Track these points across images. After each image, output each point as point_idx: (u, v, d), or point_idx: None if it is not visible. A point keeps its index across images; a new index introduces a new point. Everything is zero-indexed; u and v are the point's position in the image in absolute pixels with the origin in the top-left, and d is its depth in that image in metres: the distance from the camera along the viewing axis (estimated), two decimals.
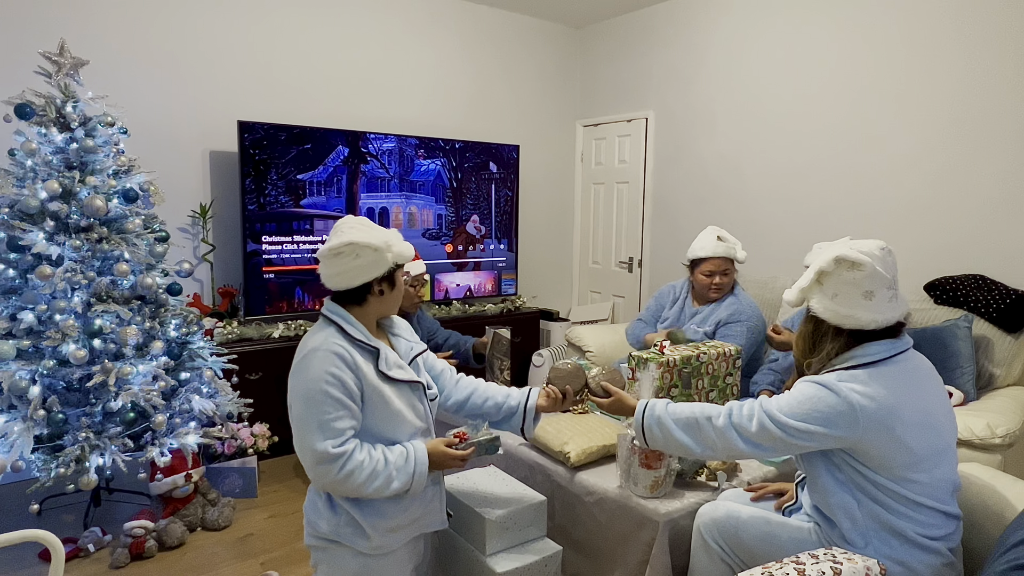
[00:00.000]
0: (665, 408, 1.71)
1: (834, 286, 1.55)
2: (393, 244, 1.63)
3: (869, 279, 1.51)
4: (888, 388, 1.49)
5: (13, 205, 2.49)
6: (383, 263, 1.61)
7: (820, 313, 1.57)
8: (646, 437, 1.73)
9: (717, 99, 4.30)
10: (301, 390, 1.55)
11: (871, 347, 1.54)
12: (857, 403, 1.47)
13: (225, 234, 3.83)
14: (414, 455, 1.62)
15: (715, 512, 1.81)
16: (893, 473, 1.51)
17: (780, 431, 1.54)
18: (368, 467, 1.54)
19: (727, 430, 1.60)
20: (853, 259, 1.51)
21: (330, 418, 1.52)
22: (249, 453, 3.24)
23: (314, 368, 1.54)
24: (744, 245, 4.08)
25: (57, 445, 2.48)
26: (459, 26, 4.69)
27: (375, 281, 1.63)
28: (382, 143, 4.09)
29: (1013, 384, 2.80)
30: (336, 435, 1.52)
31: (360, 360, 1.59)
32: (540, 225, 5.32)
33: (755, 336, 2.82)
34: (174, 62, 3.61)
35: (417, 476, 1.61)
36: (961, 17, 3.13)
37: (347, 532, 1.62)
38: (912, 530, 1.51)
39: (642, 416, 1.73)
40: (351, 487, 1.54)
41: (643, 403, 1.76)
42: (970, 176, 3.15)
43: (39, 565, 2.53)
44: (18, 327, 2.47)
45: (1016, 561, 1.36)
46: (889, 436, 1.48)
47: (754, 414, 1.59)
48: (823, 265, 1.55)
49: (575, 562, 2.12)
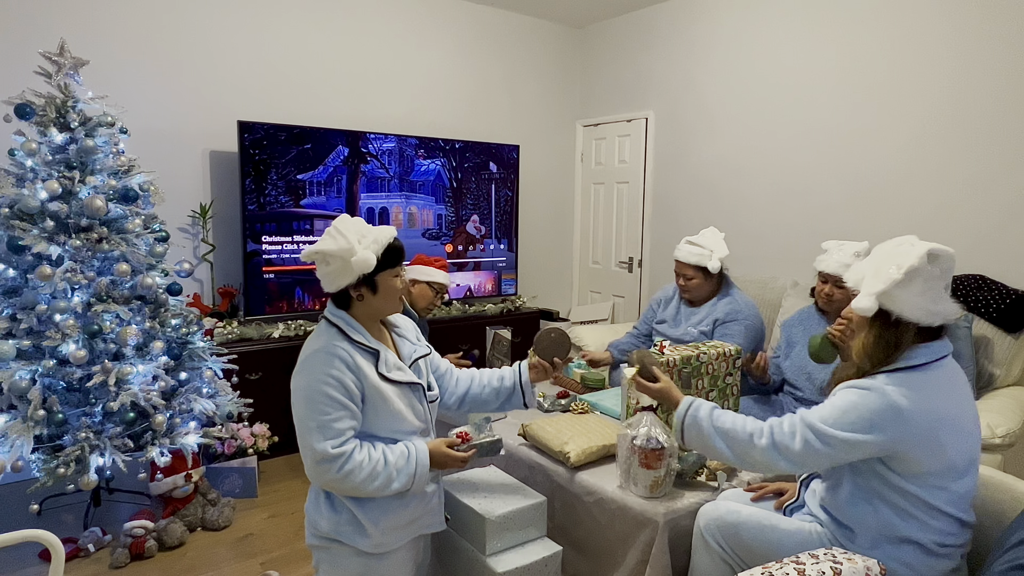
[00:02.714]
0: (709, 413, 1.67)
1: (923, 282, 1.49)
2: (356, 253, 1.57)
3: (950, 271, 1.50)
4: (933, 393, 1.48)
5: (13, 205, 2.49)
6: (349, 271, 1.59)
7: (909, 314, 1.49)
8: (684, 435, 1.70)
9: (717, 99, 4.30)
10: (302, 391, 1.57)
11: (918, 350, 1.51)
12: (905, 408, 1.44)
13: (225, 234, 3.83)
14: (415, 455, 1.63)
15: (716, 511, 1.80)
16: (926, 481, 1.48)
17: (824, 445, 1.49)
18: (367, 467, 1.56)
19: (769, 451, 1.56)
20: (941, 251, 1.48)
21: (330, 419, 1.54)
22: (249, 453, 3.23)
23: (315, 370, 1.56)
24: (744, 245, 4.11)
25: (57, 445, 2.48)
26: (459, 26, 4.69)
27: (350, 287, 1.63)
28: (382, 143, 4.09)
29: (1013, 384, 2.80)
30: (336, 435, 1.54)
31: (361, 361, 1.60)
32: (540, 225, 5.32)
33: (754, 334, 2.81)
34: (174, 62, 3.61)
35: (418, 476, 1.63)
36: (961, 18, 3.13)
37: (348, 531, 1.63)
38: (928, 539, 1.50)
39: (684, 413, 1.71)
40: (351, 486, 1.55)
41: (688, 400, 1.73)
42: (970, 176, 3.14)
43: (39, 565, 2.53)
44: (18, 327, 2.47)
45: (1016, 561, 1.36)
46: (933, 442, 1.46)
47: (796, 430, 1.54)
48: (913, 263, 1.47)
49: (575, 562, 2.12)
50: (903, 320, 1.50)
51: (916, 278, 1.48)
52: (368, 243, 1.60)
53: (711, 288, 2.89)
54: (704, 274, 2.85)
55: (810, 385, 2.55)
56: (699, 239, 2.86)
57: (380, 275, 1.64)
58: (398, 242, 1.68)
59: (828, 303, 2.54)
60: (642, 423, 1.91)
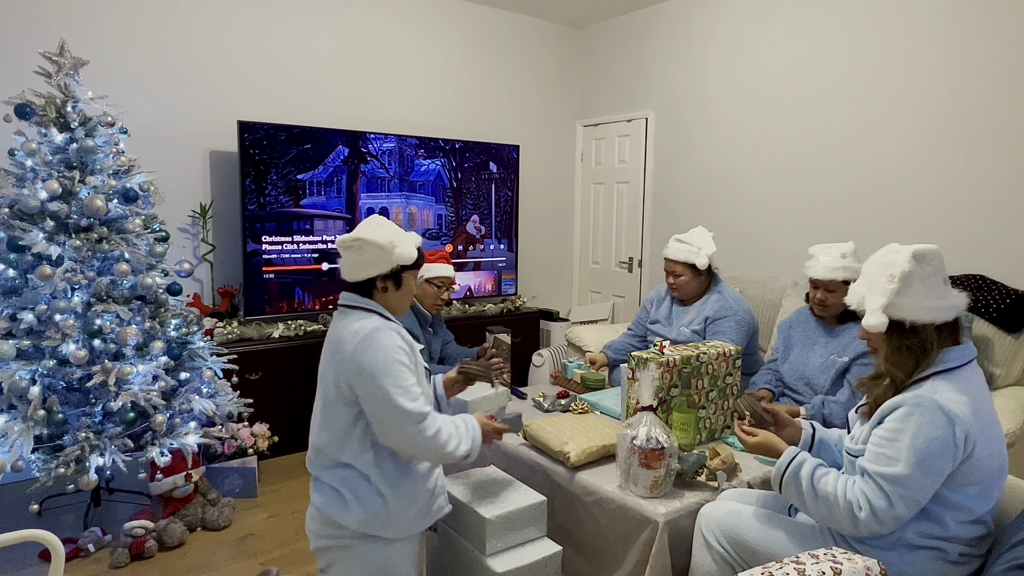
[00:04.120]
0: (811, 473, 1.59)
1: (922, 284, 1.49)
2: (399, 245, 1.68)
3: (942, 265, 1.52)
4: (978, 392, 1.48)
5: (13, 205, 2.49)
6: (386, 261, 1.67)
7: (920, 316, 1.49)
8: (781, 486, 1.65)
9: (717, 99, 4.30)
10: (377, 365, 1.59)
11: (950, 353, 1.51)
12: (957, 411, 1.43)
13: (225, 234, 3.83)
14: (470, 423, 1.74)
15: (716, 511, 1.81)
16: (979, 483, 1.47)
17: (921, 491, 1.45)
18: (447, 428, 1.65)
19: (872, 523, 1.49)
20: (926, 249, 1.50)
21: (410, 383, 1.61)
22: (249, 453, 3.23)
23: (382, 344, 1.61)
24: (744, 245, 4.11)
25: (57, 445, 2.48)
26: (459, 26, 4.69)
27: (379, 278, 1.70)
28: (382, 143, 4.09)
29: (1013, 384, 2.80)
30: (417, 398, 1.61)
31: (410, 339, 1.72)
32: (540, 225, 5.32)
33: (746, 328, 2.83)
34: (174, 62, 3.61)
35: (476, 441, 1.73)
36: (961, 17, 3.13)
37: (376, 523, 1.65)
38: (954, 548, 1.49)
39: (785, 467, 1.64)
40: (437, 446, 1.61)
41: (791, 453, 1.66)
42: (970, 176, 3.14)
43: (39, 565, 2.53)
44: (18, 327, 2.47)
45: (1016, 561, 1.36)
46: (985, 443, 1.45)
47: (888, 492, 1.46)
48: (904, 268, 1.48)
49: (575, 562, 2.12)
50: (917, 324, 1.51)
51: (912, 281, 1.49)
52: (407, 239, 1.72)
53: (700, 286, 2.92)
54: (693, 271, 2.88)
55: (808, 389, 2.55)
56: (687, 237, 2.90)
57: (406, 272, 1.74)
58: (421, 247, 1.80)
59: (823, 308, 2.54)
60: (642, 423, 1.91)
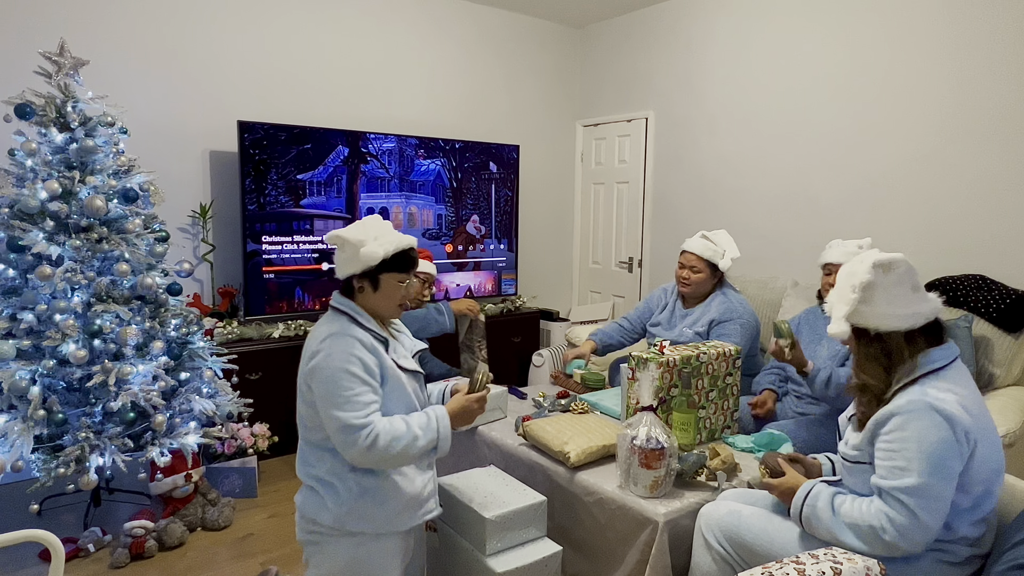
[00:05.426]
0: (829, 503, 1.58)
1: (884, 293, 1.49)
2: (366, 244, 1.65)
3: (908, 273, 1.50)
4: (967, 388, 1.48)
5: (13, 205, 2.49)
6: (357, 260, 1.67)
7: (882, 326, 1.50)
8: (803, 523, 1.63)
9: (717, 99, 4.30)
10: (325, 372, 1.60)
11: (932, 353, 1.50)
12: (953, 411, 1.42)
13: (225, 234, 3.83)
14: (435, 414, 1.70)
15: (716, 511, 1.81)
16: (984, 481, 1.47)
17: (938, 499, 1.43)
18: (390, 431, 1.61)
19: (901, 542, 1.45)
20: (889, 259, 1.49)
21: (353, 394, 1.59)
22: (249, 453, 3.23)
23: (334, 351, 1.61)
24: (744, 245, 4.09)
25: (57, 445, 2.48)
26: (459, 26, 4.69)
27: (355, 276, 1.70)
28: (382, 143, 4.09)
29: (1013, 384, 2.80)
30: (359, 408, 1.59)
31: (375, 344, 1.68)
32: (540, 225, 5.32)
33: (750, 332, 2.83)
34: (174, 62, 3.60)
35: (442, 432, 1.68)
36: (961, 17, 3.13)
37: (351, 518, 1.65)
38: (960, 550, 1.49)
39: (801, 504, 1.62)
40: (378, 453, 1.59)
41: (805, 488, 1.64)
42: (970, 176, 3.14)
43: (39, 565, 2.53)
44: (18, 327, 2.47)
45: (1016, 561, 1.36)
46: (985, 440, 1.45)
47: (910, 506, 1.43)
48: (864, 279, 1.48)
49: (575, 562, 2.12)
50: (882, 332, 1.51)
51: (874, 291, 1.50)
52: (383, 241, 1.68)
53: (709, 287, 2.92)
54: (710, 270, 2.87)
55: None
56: (714, 236, 2.91)
57: (385, 275, 1.70)
58: (414, 252, 1.75)
59: None
60: (642, 423, 1.91)
